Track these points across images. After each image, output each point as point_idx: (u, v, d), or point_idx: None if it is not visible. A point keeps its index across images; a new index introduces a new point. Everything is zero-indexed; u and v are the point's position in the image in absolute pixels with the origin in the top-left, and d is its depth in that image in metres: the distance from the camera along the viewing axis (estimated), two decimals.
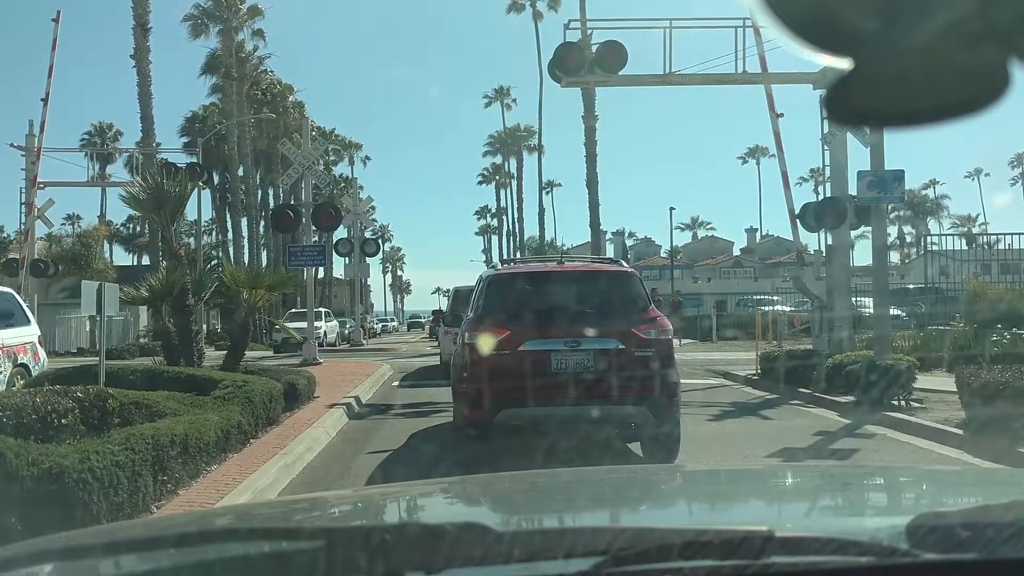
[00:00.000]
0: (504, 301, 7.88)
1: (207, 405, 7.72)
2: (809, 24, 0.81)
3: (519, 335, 7.34)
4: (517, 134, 69.71)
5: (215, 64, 41.93)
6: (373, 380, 15.71)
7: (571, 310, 7.70)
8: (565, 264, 9.08)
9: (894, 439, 8.89)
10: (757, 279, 57.70)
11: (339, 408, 10.87)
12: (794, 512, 1.82)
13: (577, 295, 7.99)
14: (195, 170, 24.64)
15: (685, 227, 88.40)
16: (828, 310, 14.70)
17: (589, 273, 8.73)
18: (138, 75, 30.65)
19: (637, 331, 7.39)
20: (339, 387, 13.52)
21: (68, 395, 5.94)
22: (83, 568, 1.30)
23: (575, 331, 7.33)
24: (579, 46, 15.27)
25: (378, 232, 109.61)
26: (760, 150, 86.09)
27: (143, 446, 5.31)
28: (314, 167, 23.68)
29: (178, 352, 10.23)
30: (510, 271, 8.96)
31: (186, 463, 6.11)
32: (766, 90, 16.16)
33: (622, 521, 1.68)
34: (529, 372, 7.13)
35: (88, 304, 8.03)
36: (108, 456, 4.87)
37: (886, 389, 10.33)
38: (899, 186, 11.64)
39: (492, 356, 7.25)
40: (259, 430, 8.56)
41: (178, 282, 10.06)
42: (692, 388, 14.29)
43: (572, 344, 7.25)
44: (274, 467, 7.01)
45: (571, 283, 8.25)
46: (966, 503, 1.77)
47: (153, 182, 10.53)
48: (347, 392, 12.76)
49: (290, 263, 21.40)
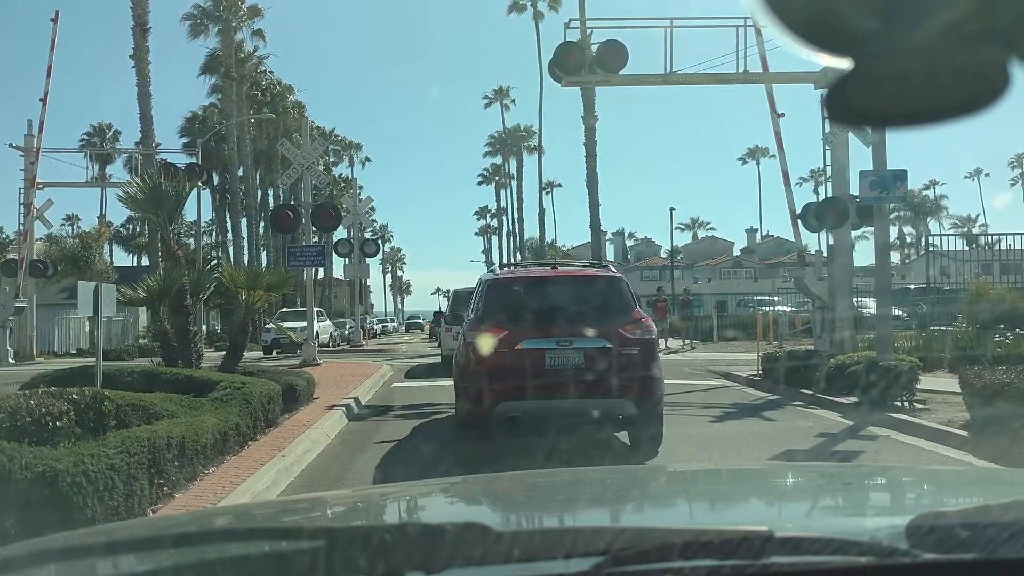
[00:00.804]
0: (502, 303, 8.44)
1: (205, 407, 7.66)
2: (809, 24, 0.81)
3: (516, 334, 7.90)
4: (517, 134, 69.71)
5: (215, 64, 41.89)
6: (373, 381, 15.65)
7: (564, 312, 8.25)
8: (559, 269, 9.59)
9: (897, 440, 8.83)
10: (757, 279, 57.63)
11: (338, 410, 10.81)
12: (794, 512, 1.82)
13: (569, 298, 8.53)
14: (194, 170, 24.57)
15: (685, 227, 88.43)
16: (830, 311, 14.63)
17: (580, 278, 9.23)
18: (137, 75, 30.60)
19: (624, 331, 7.97)
20: (339, 388, 13.45)
21: (64, 397, 5.88)
22: (83, 568, 1.30)
23: (567, 331, 7.92)
24: (579, 45, 15.18)
25: (378, 232, 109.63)
26: (760, 150, 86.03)
27: (139, 449, 5.25)
28: (313, 167, 23.52)
29: (176, 353, 10.16)
30: (508, 275, 9.67)
31: (183, 466, 6.05)
32: (767, 90, 16.08)
33: (622, 521, 1.68)
34: (525, 369, 7.72)
35: (85, 305, 7.97)
36: (103, 459, 4.81)
37: (889, 390, 10.26)
38: (901, 186, 11.58)
39: (491, 354, 7.78)
40: (257, 432, 8.50)
41: (176, 283, 9.99)
42: (693, 389, 14.24)
43: (565, 343, 7.84)
44: (272, 470, 6.95)
45: (564, 287, 8.77)
46: (966, 503, 1.77)
47: (151, 182, 10.46)
48: (347, 393, 12.69)
49: (289, 264, 21.30)
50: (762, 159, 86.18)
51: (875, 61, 0.81)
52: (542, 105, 55.70)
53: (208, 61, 42.83)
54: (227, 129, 40.87)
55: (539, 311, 8.27)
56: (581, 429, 7.74)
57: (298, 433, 8.80)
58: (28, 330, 26.90)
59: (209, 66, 42.82)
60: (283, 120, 45.38)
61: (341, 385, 14.01)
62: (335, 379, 15.19)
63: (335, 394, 12.40)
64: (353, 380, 15.14)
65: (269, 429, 8.94)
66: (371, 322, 63.70)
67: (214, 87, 43.86)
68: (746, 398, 13.00)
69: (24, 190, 26.84)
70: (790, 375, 13.18)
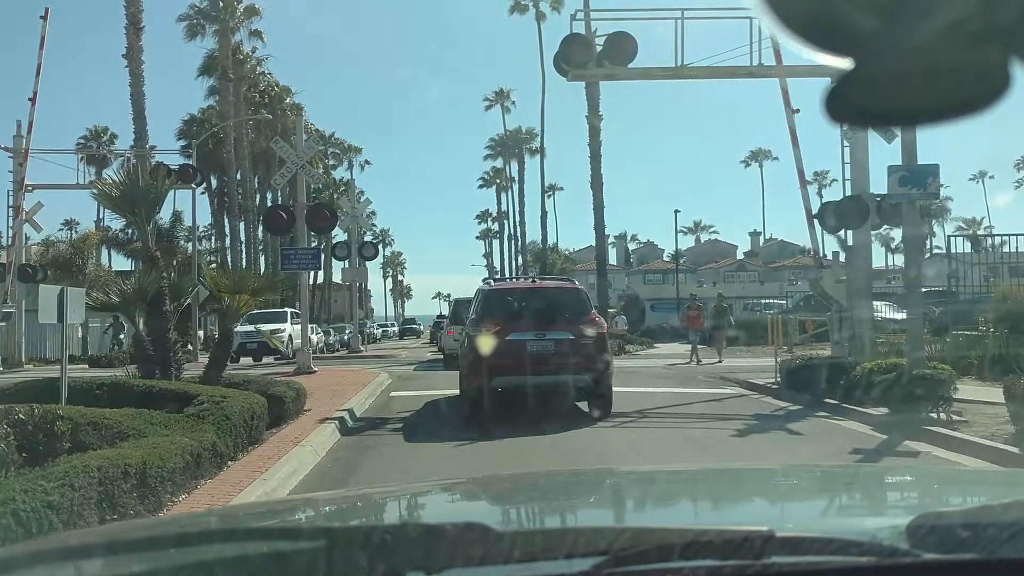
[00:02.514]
0: (495, 307, 11.41)
1: (178, 424, 6.89)
2: (809, 23, 0.81)
3: (506, 329, 10.66)
4: (519, 136, 68.45)
5: (212, 66, 41.06)
6: (370, 390, 14.87)
7: (540, 313, 11.00)
8: (536, 282, 12.97)
9: (940, 458, 8.05)
10: (763, 283, 57.06)
11: (330, 423, 10.05)
12: (795, 512, 1.81)
13: (544, 303, 11.33)
14: (188, 172, 23.97)
15: (688, 231, 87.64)
16: (847, 313, 13.91)
17: (552, 288, 12.30)
18: (131, 75, 29.77)
19: (582, 327, 10.81)
20: (333, 398, 12.69)
21: (9, 416, 5.14)
22: (83, 568, 1.29)
23: (543, 327, 10.74)
24: (585, 38, 14.49)
25: (378, 237, 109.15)
26: (763, 153, 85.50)
27: (86, 481, 4.49)
28: (309, 167, 22.72)
29: (154, 363, 9.39)
30: (498, 287, 13.02)
31: (144, 496, 5.27)
32: (781, 85, 15.39)
33: (622, 521, 1.68)
34: (513, 353, 10.38)
35: (47, 311, 7.20)
36: (39, 495, 4.06)
37: (923, 401, 9.51)
38: (933, 182, 10.79)
39: (489, 343, 10.38)
40: (239, 451, 7.73)
41: (152, 286, 9.22)
42: (709, 399, 13.48)
43: (540, 335, 10.66)
44: (252, 495, 6.19)
45: (540, 295, 11.70)
46: (967, 503, 1.77)
47: (126, 179, 9.71)
48: (341, 404, 11.92)
49: (283, 267, 20.37)
50: (765, 162, 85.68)
51: (875, 61, 0.81)
52: (544, 107, 55.00)
53: (206, 62, 41.99)
54: (225, 131, 40.14)
55: (522, 313, 11.14)
56: (552, 400, 10.51)
57: (285, 451, 8.05)
58: (16, 336, 26.20)
59: (207, 67, 42.00)
60: (281, 122, 44.63)
61: (336, 395, 13.24)
62: (330, 388, 14.43)
63: (328, 405, 11.63)
64: (349, 389, 14.34)
65: (252, 447, 8.17)
66: (371, 326, 62.89)
67: (212, 89, 43.08)
68: (766, 408, 12.20)
69: (12, 193, 26.15)
70: (812, 383, 12.39)
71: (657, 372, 19.22)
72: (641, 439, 9.55)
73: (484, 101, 70.74)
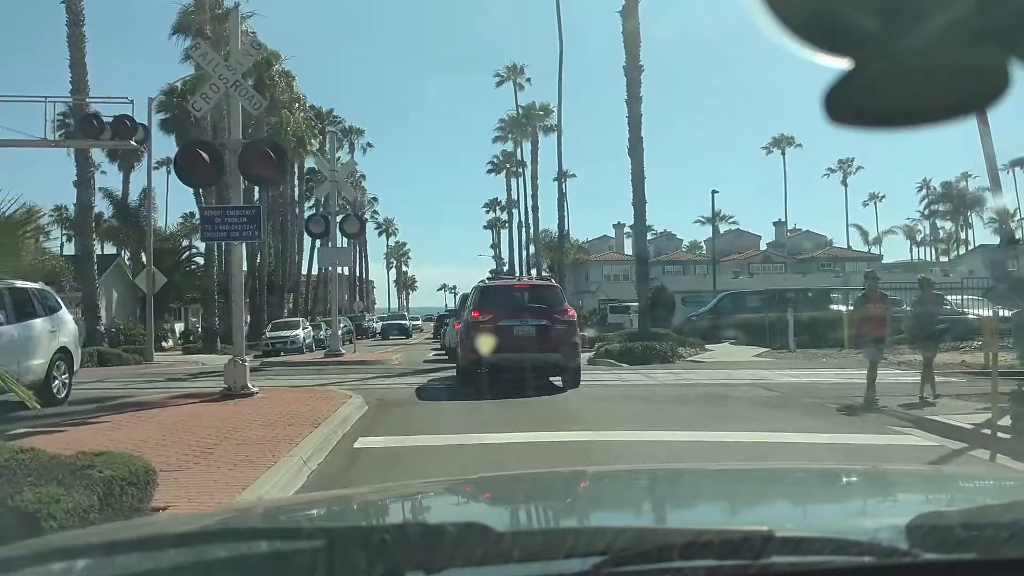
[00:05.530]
0: (490, 299, 15.17)
1: None
2: (809, 24, 0.81)
3: (497, 316, 14.45)
4: (533, 112, 62.12)
5: (187, 23, 35.50)
6: (316, 441, 8.53)
7: (524, 304, 14.87)
8: (522, 281, 19.85)
9: None
10: (799, 275, 52.59)
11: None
12: (794, 512, 1.81)
13: (528, 297, 15.28)
14: (124, 124, 19.34)
15: (706, 220, 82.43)
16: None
17: (534, 285, 16.82)
18: (67, 12, 24.39)
19: (557, 316, 14.67)
20: (232, 468, 6.87)
21: None
22: (83, 568, 1.28)
23: (526, 315, 14.54)
24: None
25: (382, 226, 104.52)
26: (785, 139, 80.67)
27: None
28: (248, 88, 14.36)
29: None
30: (493, 284, 17.13)
31: None
32: None
33: (622, 521, 1.68)
34: (503, 336, 14.06)
35: None
36: None
37: None
38: None
39: (483, 328, 14.17)
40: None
41: None
42: (871, 452, 8.36)
43: (524, 322, 14.42)
44: None
45: (525, 290, 15.90)
46: (966, 503, 1.76)
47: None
48: (239, 485, 6.20)
49: (205, 233, 14.56)
50: (787, 148, 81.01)
51: (875, 61, 0.81)
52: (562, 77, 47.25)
53: (180, 19, 35.81)
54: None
55: (510, 304, 14.93)
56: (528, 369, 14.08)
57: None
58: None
59: (180, 25, 35.83)
60: (270, 92, 39.75)
61: (237, 463, 7.07)
62: (243, 436, 8.68)
63: (211, 490, 6.03)
64: (277, 440, 8.33)
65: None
66: (370, 320, 58.13)
67: (187, 52, 37.71)
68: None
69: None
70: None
71: (758, 398, 13.27)
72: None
73: (495, 77, 64.70)
